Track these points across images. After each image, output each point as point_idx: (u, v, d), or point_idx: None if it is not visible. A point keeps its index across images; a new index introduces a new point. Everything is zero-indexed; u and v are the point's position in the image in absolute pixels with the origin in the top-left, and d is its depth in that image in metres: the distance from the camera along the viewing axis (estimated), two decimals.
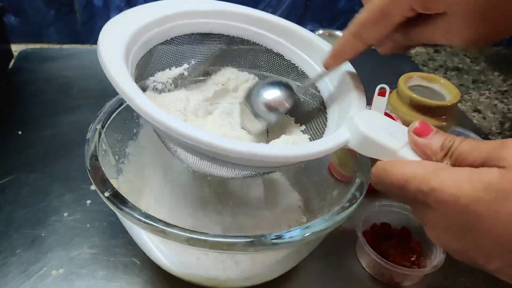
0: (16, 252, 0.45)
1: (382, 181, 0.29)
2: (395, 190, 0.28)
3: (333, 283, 0.45)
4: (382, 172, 0.29)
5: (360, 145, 0.32)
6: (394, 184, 0.27)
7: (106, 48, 0.31)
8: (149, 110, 0.28)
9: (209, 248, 0.29)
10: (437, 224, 0.26)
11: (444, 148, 0.28)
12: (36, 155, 0.57)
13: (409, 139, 0.30)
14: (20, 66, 0.76)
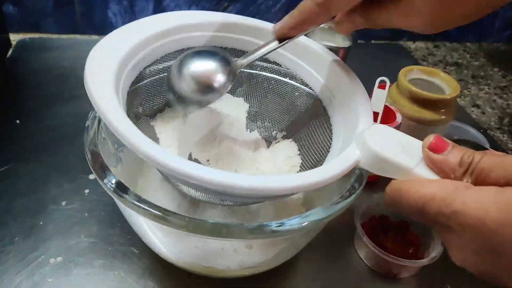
0: (14, 240, 0.44)
1: (398, 203, 0.27)
2: (413, 212, 0.26)
3: (331, 274, 0.45)
4: (397, 193, 0.27)
5: (372, 165, 0.30)
6: (411, 205, 0.26)
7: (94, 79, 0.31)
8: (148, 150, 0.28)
9: (209, 234, 0.29)
10: (462, 249, 0.25)
11: (463, 165, 0.26)
12: (34, 144, 0.57)
13: (424, 156, 0.28)
14: (18, 55, 0.76)
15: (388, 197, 0.28)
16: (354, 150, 0.31)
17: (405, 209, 0.27)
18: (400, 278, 0.46)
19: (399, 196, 0.27)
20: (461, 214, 0.23)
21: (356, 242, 0.48)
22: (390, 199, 0.28)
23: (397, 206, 0.27)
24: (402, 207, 0.27)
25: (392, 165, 0.29)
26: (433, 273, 0.47)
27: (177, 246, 0.36)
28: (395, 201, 0.27)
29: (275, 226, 0.30)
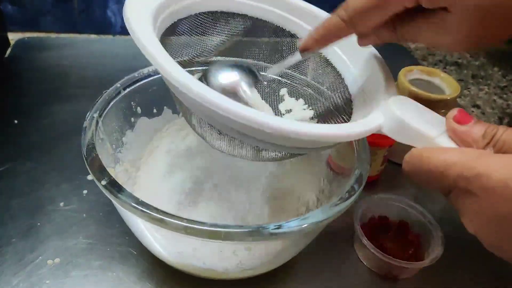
0: (11, 241, 0.44)
1: (417, 168, 0.27)
2: (431, 178, 0.26)
3: (331, 275, 0.45)
4: (418, 159, 0.27)
5: (394, 131, 0.30)
6: (431, 170, 0.26)
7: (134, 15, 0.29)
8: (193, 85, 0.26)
9: (207, 237, 0.29)
10: (479, 214, 0.25)
11: (486, 136, 0.26)
12: (32, 144, 0.56)
13: (448, 127, 0.28)
14: (16, 54, 0.75)
15: (407, 164, 0.28)
16: (378, 116, 0.31)
17: (423, 175, 0.27)
18: (400, 279, 0.45)
19: (419, 162, 0.27)
20: (484, 176, 0.23)
21: (355, 243, 0.48)
22: (409, 165, 0.28)
23: (415, 172, 0.27)
24: (421, 173, 0.27)
25: (415, 133, 0.29)
26: (433, 274, 0.46)
27: (175, 248, 0.36)
28: (414, 167, 0.27)
29: (273, 228, 0.29)
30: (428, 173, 0.26)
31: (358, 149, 0.40)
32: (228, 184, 0.45)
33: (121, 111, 0.44)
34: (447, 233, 0.46)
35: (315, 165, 0.48)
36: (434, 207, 0.54)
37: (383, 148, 0.53)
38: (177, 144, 0.50)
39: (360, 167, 0.37)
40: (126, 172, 0.45)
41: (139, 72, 0.45)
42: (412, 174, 0.28)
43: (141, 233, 0.37)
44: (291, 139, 0.29)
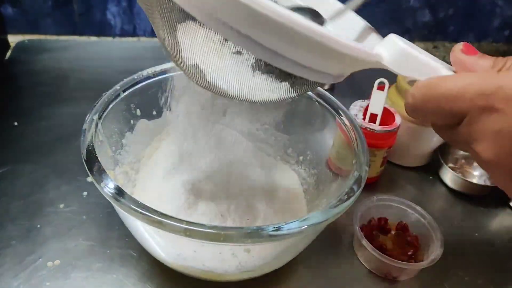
0: (11, 244, 0.44)
1: (427, 96, 0.25)
2: (443, 104, 0.24)
3: (330, 277, 0.45)
4: (427, 87, 0.25)
5: (397, 62, 0.28)
6: (444, 96, 0.24)
7: None
8: None
9: (207, 239, 0.29)
10: (501, 132, 0.23)
11: (496, 66, 0.25)
12: (32, 146, 0.57)
13: (453, 59, 0.26)
14: (16, 57, 0.75)
15: (413, 95, 0.26)
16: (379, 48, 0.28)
17: (433, 103, 0.24)
18: (400, 280, 0.46)
19: (429, 90, 0.25)
20: (507, 87, 0.22)
21: (355, 245, 0.48)
22: (415, 96, 0.25)
23: (424, 101, 0.25)
24: (430, 101, 0.25)
25: (420, 63, 0.27)
26: (432, 275, 0.46)
27: (175, 250, 0.36)
28: (423, 95, 0.25)
29: (272, 230, 0.29)
30: (439, 100, 0.24)
31: (357, 151, 0.40)
32: (228, 185, 0.45)
33: (121, 113, 0.44)
34: (447, 235, 0.46)
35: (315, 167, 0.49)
36: (433, 208, 0.55)
37: (382, 149, 0.53)
38: (176, 146, 0.50)
39: (359, 168, 0.37)
40: (126, 174, 0.45)
41: (138, 75, 0.46)
42: (420, 104, 0.25)
43: (141, 236, 0.37)
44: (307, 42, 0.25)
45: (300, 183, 0.50)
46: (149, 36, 0.88)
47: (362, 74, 0.41)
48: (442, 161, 0.57)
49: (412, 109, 0.26)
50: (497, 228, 0.54)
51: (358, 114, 0.53)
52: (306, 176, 0.49)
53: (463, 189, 0.56)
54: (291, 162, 0.52)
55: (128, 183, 0.45)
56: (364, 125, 0.51)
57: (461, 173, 0.58)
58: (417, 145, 0.58)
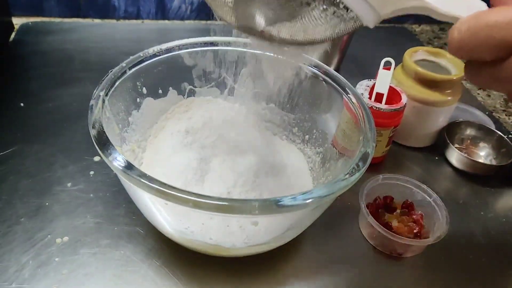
0: (20, 221, 0.45)
1: (475, 29, 0.23)
2: (494, 34, 0.23)
3: (336, 253, 0.45)
4: (475, 19, 0.23)
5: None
6: (496, 24, 0.22)
7: None
8: None
9: (214, 210, 0.29)
10: None
11: None
12: (38, 126, 0.57)
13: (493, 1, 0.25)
14: (21, 39, 0.75)
15: (456, 30, 0.24)
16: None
17: (483, 35, 0.23)
18: (405, 257, 0.46)
19: (477, 22, 0.23)
20: None
21: (360, 223, 0.48)
22: (461, 28, 0.24)
23: (472, 33, 0.24)
24: (480, 33, 0.23)
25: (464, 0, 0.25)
26: (437, 253, 0.47)
27: (182, 224, 0.36)
28: (470, 27, 0.23)
29: (279, 201, 0.30)
30: (489, 29, 0.23)
31: (364, 128, 0.40)
32: (234, 164, 0.45)
33: (127, 91, 0.44)
34: (452, 214, 0.47)
35: (321, 145, 0.49)
36: (439, 188, 0.55)
37: (388, 129, 0.53)
38: (182, 125, 0.50)
39: (366, 144, 0.37)
40: (133, 152, 0.45)
41: (144, 52, 0.45)
42: (466, 36, 0.24)
43: (149, 210, 0.37)
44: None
45: (306, 161, 0.50)
46: (153, 19, 0.87)
47: (368, 54, 0.41)
48: (448, 141, 0.57)
49: (457, 44, 0.24)
50: (503, 207, 0.54)
51: (364, 93, 0.53)
52: (312, 154, 0.50)
53: (469, 169, 0.56)
54: (297, 141, 0.52)
55: (135, 161, 0.45)
56: (370, 104, 0.51)
57: (467, 153, 0.58)
58: (423, 125, 0.58)
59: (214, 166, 0.45)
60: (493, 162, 0.58)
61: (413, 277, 0.45)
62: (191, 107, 0.52)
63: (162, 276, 0.41)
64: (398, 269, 0.45)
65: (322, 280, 0.43)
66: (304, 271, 0.43)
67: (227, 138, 0.49)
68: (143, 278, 0.41)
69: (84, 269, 0.41)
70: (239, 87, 0.53)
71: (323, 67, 0.47)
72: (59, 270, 0.41)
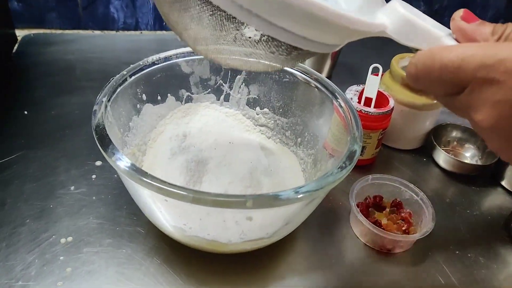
0: (25, 222, 0.47)
1: (429, 67, 0.25)
2: (445, 74, 0.25)
3: (328, 250, 0.47)
4: (429, 57, 0.25)
5: (400, 31, 0.28)
6: (446, 66, 0.24)
7: None
8: None
9: (212, 204, 0.31)
10: (501, 103, 0.24)
11: (496, 33, 0.25)
12: (42, 133, 0.59)
13: (454, 27, 0.27)
14: (23, 50, 0.78)
15: (415, 65, 0.26)
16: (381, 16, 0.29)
17: (435, 73, 0.25)
18: (394, 253, 0.48)
19: (430, 60, 0.25)
20: (508, 60, 0.23)
21: (351, 221, 0.51)
22: (417, 65, 0.26)
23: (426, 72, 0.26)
24: (432, 72, 0.25)
25: (422, 32, 0.28)
26: (425, 249, 0.49)
27: (181, 220, 0.38)
28: (425, 66, 0.26)
29: (272, 196, 0.32)
30: (441, 70, 0.25)
31: (352, 129, 0.42)
32: (230, 164, 0.47)
33: (128, 97, 0.47)
34: (439, 212, 0.49)
35: (312, 148, 0.51)
36: (427, 188, 0.57)
37: (377, 131, 0.55)
38: (180, 129, 0.52)
39: (353, 143, 0.39)
40: (133, 155, 0.48)
41: (144, 61, 0.48)
42: (422, 74, 0.26)
43: (149, 209, 0.39)
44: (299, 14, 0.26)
45: (299, 163, 0.52)
46: (151, 30, 0.90)
47: (357, 60, 0.44)
48: (435, 143, 0.60)
49: (414, 78, 0.27)
50: (488, 206, 0.56)
51: (354, 98, 0.56)
52: (304, 156, 0.52)
53: (456, 169, 0.59)
54: (290, 144, 0.54)
55: (136, 164, 0.47)
56: (360, 108, 0.54)
57: (453, 154, 0.61)
58: (411, 128, 0.61)
59: (211, 168, 0.47)
60: (478, 162, 0.60)
61: (402, 271, 0.47)
62: (189, 112, 0.54)
63: (163, 273, 0.43)
64: (388, 264, 0.47)
65: (315, 276, 0.45)
66: (298, 267, 0.45)
67: (223, 141, 0.51)
68: (144, 275, 0.43)
69: (88, 267, 0.43)
70: (234, 93, 0.55)
71: (314, 74, 0.50)
72: (64, 268, 0.43)
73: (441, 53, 0.25)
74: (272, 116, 0.55)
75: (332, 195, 0.53)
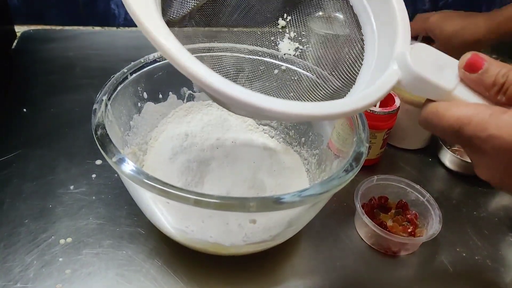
0: (24, 222, 0.46)
1: (434, 125, 0.29)
2: (448, 134, 0.29)
3: (332, 252, 0.47)
4: (434, 116, 0.29)
5: (412, 85, 0.30)
6: (449, 127, 0.28)
7: None
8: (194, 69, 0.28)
9: (214, 207, 0.30)
10: (491, 168, 0.28)
11: (497, 84, 0.28)
12: (41, 131, 0.58)
13: (461, 76, 0.29)
14: (23, 46, 0.77)
15: (423, 119, 0.30)
16: (395, 70, 0.30)
17: (440, 131, 0.29)
18: (400, 256, 0.47)
19: (436, 119, 0.29)
20: (496, 139, 0.26)
21: (356, 222, 0.50)
22: (425, 121, 0.30)
23: (432, 128, 0.30)
24: (437, 129, 0.29)
25: (432, 87, 0.29)
26: (431, 251, 0.48)
27: (183, 222, 0.37)
28: (431, 123, 0.29)
29: (275, 199, 0.31)
30: (443, 130, 0.29)
31: (358, 129, 0.41)
32: (232, 164, 0.47)
33: (129, 96, 0.46)
34: (446, 213, 0.48)
35: (317, 147, 0.50)
36: (433, 189, 0.56)
37: (382, 131, 0.54)
38: (182, 128, 0.51)
39: (360, 144, 0.38)
40: (134, 155, 0.47)
41: (145, 58, 0.47)
42: (430, 128, 0.30)
43: (150, 210, 0.38)
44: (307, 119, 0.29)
45: (302, 163, 0.51)
46: None
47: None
48: (441, 143, 0.59)
49: (425, 127, 0.31)
50: (494, 207, 0.55)
51: None
52: (308, 156, 0.51)
53: (462, 170, 0.58)
54: (293, 143, 0.53)
55: (136, 164, 0.46)
56: None
57: (459, 154, 0.60)
58: (416, 128, 0.59)
59: (213, 169, 0.46)
60: None
61: (407, 274, 0.46)
62: (191, 111, 0.53)
63: (164, 275, 0.42)
64: (393, 267, 0.46)
65: (319, 278, 0.44)
66: (302, 270, 0.45)
67: (226, 141, 0.50)
68: (145, 277, 0.42)
69: (87, 269, 0.42)
70: None
71: None
72: (63, 270, 0.42)
73: (445, 113, 0.28)
74: None
75: (336, 195, 0.52)
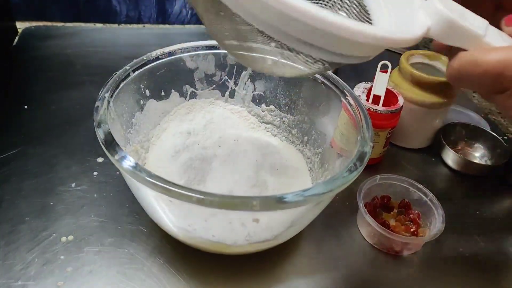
0: (25, 220, 0.46)
1: (469, 74, 0.27)
2: (486, 79, 0.26)
3: (335, 251, 0.46)
4: (470, 63, 0.27)
5: (443, 32, 0.28)
6: (488, 72, 0.26)
7: None
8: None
9: (217, 206, 0.30)
10: None
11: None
12: (42, 128, 0.58)
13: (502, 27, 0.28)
14: (24, 43, 0.76)
15: (455, 71, 0.28)
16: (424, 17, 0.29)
17: (476, 78, 0.27)
18: (402, 255, 0.47)
19: (472, 66, 0.27)
20: None
21: (359, 222, 0.50)
22: (458, 72, 0.28)
23: (467, 76, 0.27)
24: (474, 76, 0.27)
25: (465, 33, 0.28)
26: (434, 251, 0.48)
27: (186, 221, 0.37)
28: (467, 72, 0.27)
29: (278, 198, 0.31)
30: (482, 76, 0.26)
31: (362, 128, 0.41)
32: (235, 162, 0.46)
33: (131, 93, 0.45)
34: (449, 213, 0.48)
35: (320, 146, 0.50)
36: (436, 188, 0.55)
37: (386, 130, 0.54)
38: (184, 126, 0.51)
39: (364, 144, 0.38)
40: (136, 152, 0.46)
41: (147, 55, 0.47)
42: (464, 78, 0.28)
43: (152, 208, 0.38)
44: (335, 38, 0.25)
45: (305, 162, 0.51)
46: (154, 23, 0.89)
47: None
48: (444, 142, 0.59)
49: (455, 81, 0.28)
50: (498, 207, 0.55)
51: (362, 96, 0.54)
52: (311, 155, 0.51)
53: (465, 170, 0.57)
54: (296, 142, 0.53)
55: (138, 161, 0.46)
56: (368, 106, 0.52)
57: (462, 154, 0.60)
58: (419, 127, 0.60)
59: (215, 167, 0.46)
60: (488, 163, 0.59)
61: (410, 274, 0.45)
62: (193, 109, 0.53)
63: (165, 274, 0.42)
64: (396, 266, 0.46)
65: (321, 278, 0.44)
66: (304, 269, 0.44)
67: (228, 139, 0.50)
68: (147, 275, 0.42)
69: (89, 267, 0.42)
70: (240, 90, 0.54)
71: None
72: (64, 268, 0.42)
73: (483, 57, 0.26)
74: (278, 113, 0.54)
75: (338, 194, 0.51)
